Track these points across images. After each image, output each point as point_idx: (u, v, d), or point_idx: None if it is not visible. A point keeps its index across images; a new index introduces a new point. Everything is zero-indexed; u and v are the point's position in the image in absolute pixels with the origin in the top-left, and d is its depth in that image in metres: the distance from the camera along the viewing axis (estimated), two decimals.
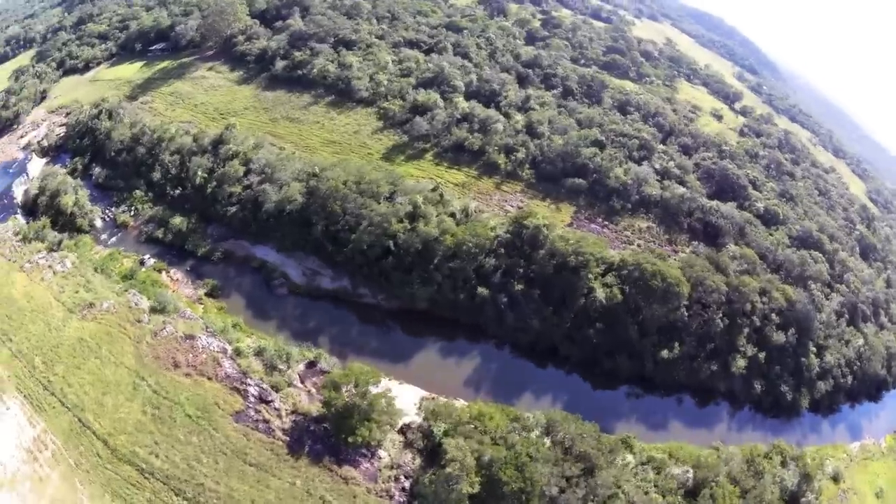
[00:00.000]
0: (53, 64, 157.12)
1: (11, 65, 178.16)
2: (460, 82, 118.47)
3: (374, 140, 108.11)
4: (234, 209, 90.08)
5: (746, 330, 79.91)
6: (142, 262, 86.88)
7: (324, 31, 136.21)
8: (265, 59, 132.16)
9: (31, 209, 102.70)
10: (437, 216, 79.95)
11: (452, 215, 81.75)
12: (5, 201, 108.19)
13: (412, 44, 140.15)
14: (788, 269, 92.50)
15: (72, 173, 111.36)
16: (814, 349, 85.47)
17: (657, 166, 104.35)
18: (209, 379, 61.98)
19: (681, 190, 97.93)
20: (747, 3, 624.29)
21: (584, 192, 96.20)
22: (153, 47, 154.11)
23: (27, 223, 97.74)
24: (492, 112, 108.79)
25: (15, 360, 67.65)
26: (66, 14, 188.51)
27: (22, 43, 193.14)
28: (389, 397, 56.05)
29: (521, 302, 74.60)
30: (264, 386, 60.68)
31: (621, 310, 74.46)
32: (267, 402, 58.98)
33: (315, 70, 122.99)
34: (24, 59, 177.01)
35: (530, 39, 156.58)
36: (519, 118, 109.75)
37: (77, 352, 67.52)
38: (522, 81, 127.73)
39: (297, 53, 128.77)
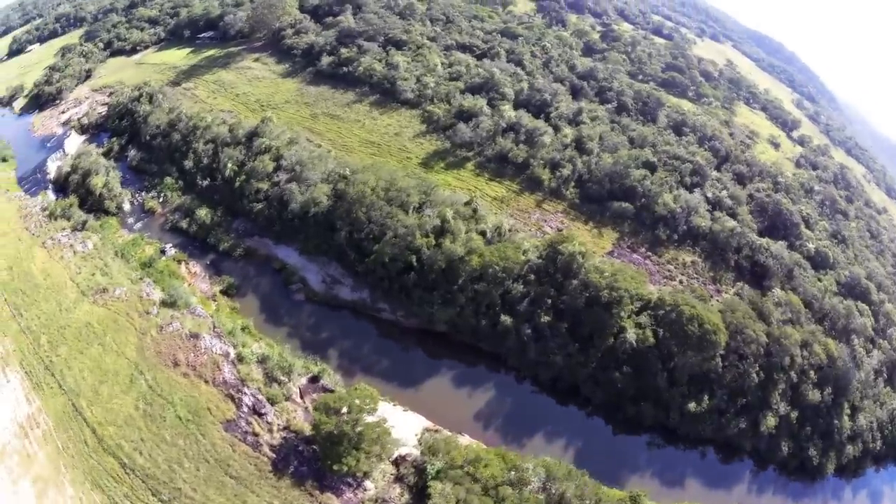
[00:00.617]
0: (101, 44, 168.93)
1: (60, 41, 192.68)
2: (510, 90, 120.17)
3: (414, 144, 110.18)
4: (260, 206, 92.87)
5: (782, 386, 77.13)
6: (163, 251, 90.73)
7: (374, 29, 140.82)
8: (312, 53, 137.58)
9: (62, 186, 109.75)
10: (465, 233, 79.73)
11: (483, 233, 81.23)
12: (38, 175, 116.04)
13: (464, 48, 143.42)
14: (833, 319, 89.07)
15: (107, 153, 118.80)
16: (848, 410, 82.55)
17: (709, 195, 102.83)
18: (206, 382, 63.48)
19: (731, 223, 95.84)
20: (808, 29, 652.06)
21: (629, 218, 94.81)
22: (201, 35, 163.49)
23: (56, 199, 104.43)
24: (540, 123, 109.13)
25: (22, 336, 72.22)
26: None
27: (72, 21, 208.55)
28: (384, 428, 55.50)
29: (547, 335, 72.99)
30: (260, 397, 61.58)
31: (652, 355, 72.02)
32: (260, 415, 59.74)
33: (361, 68, 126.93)
34: (73, 37, 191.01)
35: (588, 51, 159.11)
36: (568, 132, 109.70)
37: (82, 336, 70.97)
38: (576, 93, 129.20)
39: (343, 50, 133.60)
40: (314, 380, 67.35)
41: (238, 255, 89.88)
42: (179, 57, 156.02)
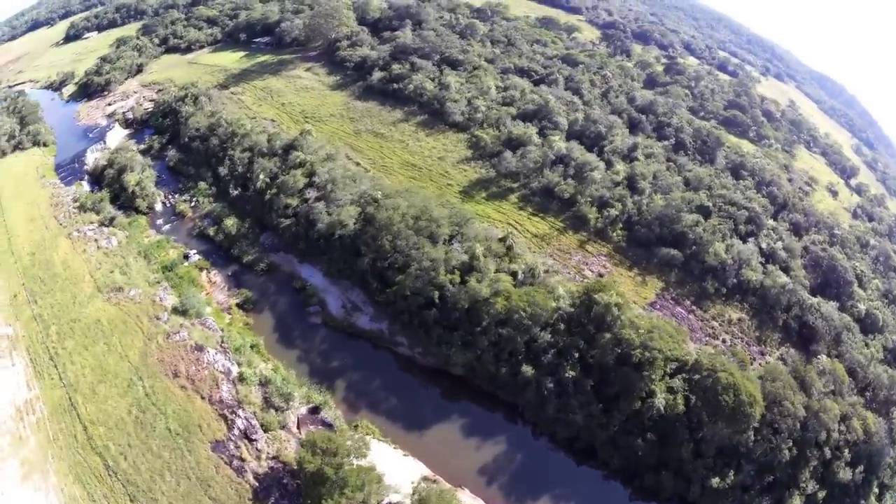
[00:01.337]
0: (156, 40, 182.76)
1: (117, 32, 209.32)
2: (564, 119, 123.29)
3: (457, 170, 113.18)
4: (288, 222, 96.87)
5: (814, 463, 75.55)
6: (186, 257, 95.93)
7: (430, 46, 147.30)
8: (364, 67, 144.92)
9: (97, 178, 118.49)
10: (494, 272, 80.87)
11: (514, 274, 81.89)
12: (76, 165, 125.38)
13: (522, 72, 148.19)
14: (876, 390, 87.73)
15: (147, 150, 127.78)
16: (876, 489, 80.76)
17: (763, 245, 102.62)
18: (202, 398, 66.41)
19: (783, 279, 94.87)
20: (870, 71, 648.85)
21: (677, 267, 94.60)
22: (257, 40, 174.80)
23: (89, 192, 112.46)
24: (591, 157, 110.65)
25: (33, 323, 79.04)
26: None
27: (132, 13, 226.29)
28: (372, 475, 56.14)
29: (570, 391, 72.38)
30: (254, 422, 63.76)
31: (680, 423, 70.56)
32: (250, 440, 61.81)
33: (412, 86, 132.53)
34: (131, 29, 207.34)
35: (650, 83, 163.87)
36: (621, 168, 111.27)
37: (90, 332, 76.19)
38: (633, 127, 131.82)
39: (396, 66, 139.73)
40: (314, 410, 69.10)
41: (260, 269, 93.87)
42: (232, 60, 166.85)
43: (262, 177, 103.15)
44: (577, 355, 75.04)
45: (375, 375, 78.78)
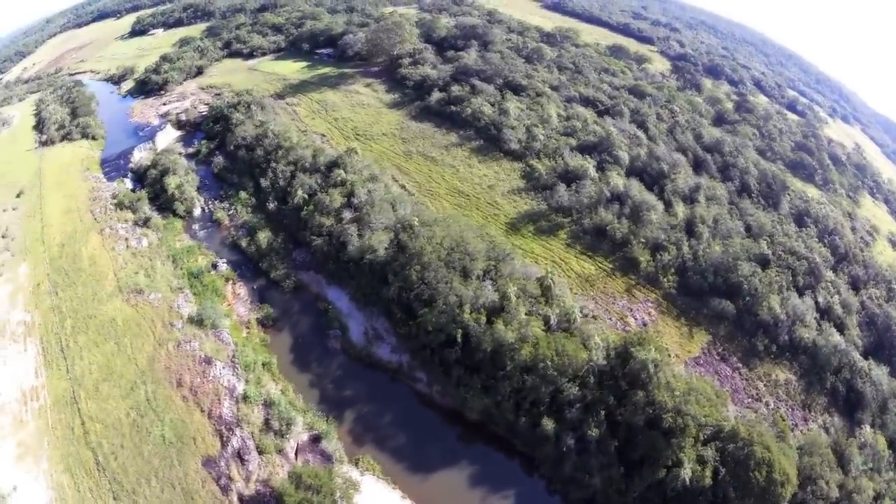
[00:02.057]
0: (219, 43, 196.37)
1: (182, 32, 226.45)
2: (625, 154, 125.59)
3: (507, 200, 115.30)
4: (320, 241, 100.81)
5: None
6: (214, 266, 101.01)
7: (493, 69, 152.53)
8: (423, 87, 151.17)
9: (139, 177, 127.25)
10: (525, 314, 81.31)
11: (546, 319, 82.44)
12: (121, 161, 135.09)
13: (587, 101, 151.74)
14: None
15: (195, 154, 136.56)
16: None
17: (820, 300, 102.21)
18: (202, 411, 69.53)
19: (836, 339, 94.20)
20: None
21: (728, 319, 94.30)
22: (320, 51, 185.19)
23: (129, 190, 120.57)
24: (649, 197, 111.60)
25: (51, 314, 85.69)
26: None
27: (199, 14, 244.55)
28: None
29: (592, 449, 71.24)
30: (249, 442, 66.05)
31: (704, 497, 68.53)
32: (242, 461, 64.05)
33: (469, 109, 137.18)
34: (195, 30, 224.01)
35: (718, 120, 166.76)
36: (680, 210, 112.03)
37: (103, 330, 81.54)
38: (698, 166, 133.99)
39: (455, 88, 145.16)
40: (316, 439, 70.88)
41: (287, 286, 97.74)
42: (293, 69, 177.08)
43: (300, 192, 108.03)
44: (604, 412, 74.19)
45: (388, 410, 79.80)
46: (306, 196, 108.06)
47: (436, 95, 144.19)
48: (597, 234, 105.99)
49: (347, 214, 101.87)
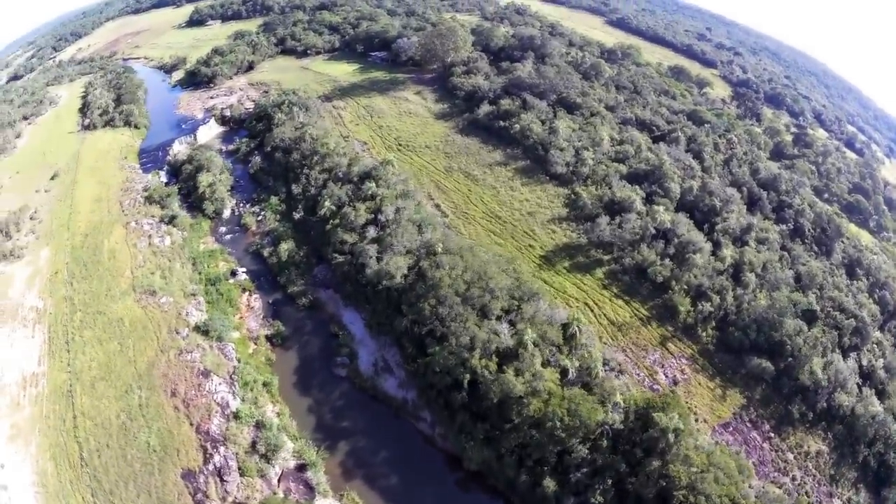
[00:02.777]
0: (273, 39, 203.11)
1: (239, 25, 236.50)
2: (677, 185, 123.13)
3: (545, 230, 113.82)
4: (341, 259, 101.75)
5: None
6: (233, 273, 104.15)
7: (547, 84, 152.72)
8: (474, 98, 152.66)
9: (175, 171, 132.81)
10: (540, 364, 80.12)
11: (565, 372, 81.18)
12: (160, 153, 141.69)
13: (643, 125, 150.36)
14: None
15: (235, 152, 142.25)
16: None
17: (864, 362, 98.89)
18: (191, 424, 72.37)
19: (876, 408, 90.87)
20: None
21: (765, 381, 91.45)
22: (374, 53, 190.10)
23: (163, 184, 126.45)
24: (697, 236, 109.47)
25: (63, 304, 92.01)
26: None
27: (258, 8, 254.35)
28: None
29: None
30: (232, 462, 68.29)
31: None
32: (222, 479, 66.30)
33: (518, 126, 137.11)
34: (252, 24, 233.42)
35: (776, 154, 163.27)
36: (728, 253, 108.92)
37: (109, 328, 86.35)
38: (752, 204, 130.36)
39: (505, 101, 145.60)
40: (301, 468, 72.42)
41: (303, 303, 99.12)
42: (344, 71, 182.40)
43: (327, 204, 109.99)
44: (613, 479, 73.08)
45: (385, 446, 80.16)
46: (333, 208, 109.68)
47: (485, 108, 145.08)
48: (637, 275, 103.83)
49: (371, 232, 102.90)
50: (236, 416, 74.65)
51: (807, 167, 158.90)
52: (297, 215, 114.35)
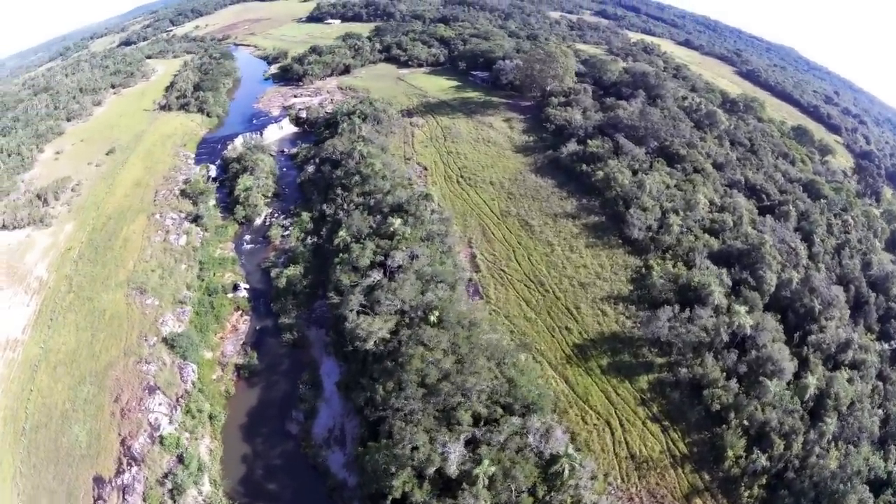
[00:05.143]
0: (379, 45, 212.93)
1: (357, 27, 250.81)
2: (773, 275, 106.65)
3: (594, 309, 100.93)
4: (336, 300, 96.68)
5: None
6: (235, 287, 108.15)
7: (649, 127, 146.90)
8: (563, 134, 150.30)
9: (225, 168, 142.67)
10: None
11: None
12: (218, 146, 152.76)
13: (752, 191, 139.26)
14: None
15: (295, 157, 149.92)
16: None
17: None
18: (118, 434, 78.40)
19: None
20: None
21: None
22: (475, 73, 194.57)
23: (206, 180, 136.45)
24: (781, 351, 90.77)
25: (62, 282, 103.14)
26: (441, 6, 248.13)
27: (379, 13, 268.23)
28: None
29: None
30: (138, 486, 72.56)
31: None
32: (125, 497, 71.15)
33: (601, 172, 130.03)
34: (366, 28, 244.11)
35: (891, 244, 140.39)
36: (812, 381, 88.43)
37: (89, 318, 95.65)
38: (857, 308, 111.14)
39: (594, 142, 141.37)
40: None
41: (287, 339, 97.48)
42: (439, 87, 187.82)
43: (342, 233, 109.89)
44: None
45: None
46: (349, 239, 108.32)
47: (570, 147, 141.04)
48: (690, 393, 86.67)
49: (374, 277, 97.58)
50: (162, 440, 78.96)
51: None
52: (310, 239, 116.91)
